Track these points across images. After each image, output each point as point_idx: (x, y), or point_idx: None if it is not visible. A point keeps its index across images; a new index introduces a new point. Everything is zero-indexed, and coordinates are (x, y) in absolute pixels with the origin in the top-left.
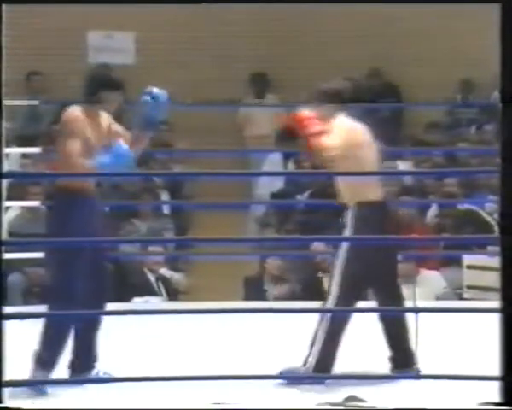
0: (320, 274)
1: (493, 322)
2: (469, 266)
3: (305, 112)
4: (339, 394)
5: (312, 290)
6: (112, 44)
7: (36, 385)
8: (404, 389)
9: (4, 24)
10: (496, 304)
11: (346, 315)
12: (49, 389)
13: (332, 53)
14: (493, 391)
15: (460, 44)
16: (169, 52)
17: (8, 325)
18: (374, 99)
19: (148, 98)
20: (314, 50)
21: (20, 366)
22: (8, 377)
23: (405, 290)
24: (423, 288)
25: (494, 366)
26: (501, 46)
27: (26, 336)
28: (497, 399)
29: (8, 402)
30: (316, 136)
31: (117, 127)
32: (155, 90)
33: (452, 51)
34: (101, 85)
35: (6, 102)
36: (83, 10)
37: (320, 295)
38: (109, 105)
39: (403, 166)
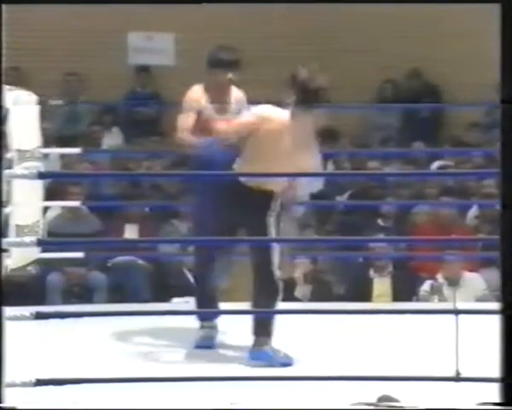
0: (371, 275)
1: None
2: None
3: None
4: (372, 393)
5: (359, 291)
6: (151, 45)
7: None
8: (439, 390)
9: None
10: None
11: None
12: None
13: (372, 53)
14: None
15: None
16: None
17: (48, 323)
18: (414, 100)
19: None
20: (355, 51)
21: (55, 363)
22: (45, 374)
23: (447, 292)
24: (464, 289)
25: None
26: (501, 46)
27: (64, 335)
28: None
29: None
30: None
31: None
32: None
33: (492, 52)
34: (213, 64)
35: (50, 103)
36: (123, 11)
37: (366, 295)
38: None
39: (440, 166)
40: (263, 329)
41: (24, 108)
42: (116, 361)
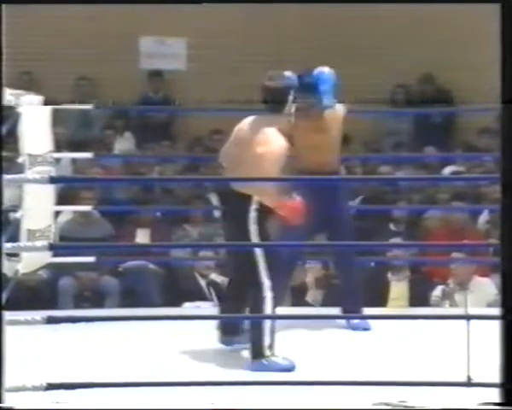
0: (389, 277)
1: None
2: None
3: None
4: (384, 398)
5: (375, 295)
6: (164, 50)
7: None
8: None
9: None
10: None
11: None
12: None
13: (385, 57)
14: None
15: None
16: (221, 57)
17: (59, 328)
18: (426, 104)
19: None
20: (367, 55)
21: (66, 367)
22: (57, 378)
23: (458, 297)
24: (475, 294)
25: None
26: (501, 46)
27: (76, 339)
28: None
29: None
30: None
31: None
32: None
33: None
34: None
35: (58, 107)
36: (135, 15)
37: (382, 299)
38: None
39: (452, 171)
40: (258, 337)
41: (36, 112)
42: (127, 366)
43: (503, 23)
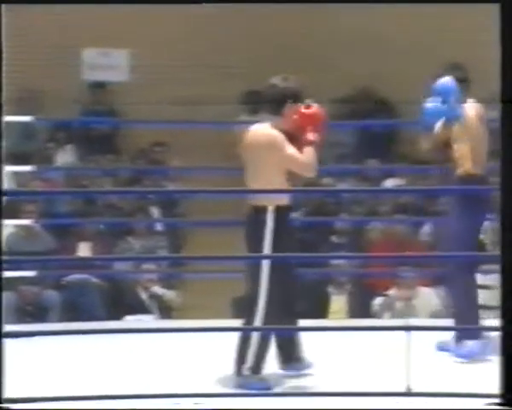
0: (331, 291)
1: None
2: None
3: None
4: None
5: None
6: (106, 62)
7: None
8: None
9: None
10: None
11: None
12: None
13: (328, 69)
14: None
15: (457, 59)
16: (166, 69)
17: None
18: (367, 116)
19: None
20: (311, 67)
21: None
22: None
23: (402, 307)
24: (417, 304)
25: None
26: (501, 46)
27: (17, 354)
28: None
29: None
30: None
31: None
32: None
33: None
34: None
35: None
36: (77, 26)
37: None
38: None
39: (393, 183)
40: (241, 355)
41: None
42: (68, 380)
43: (503, 23)
